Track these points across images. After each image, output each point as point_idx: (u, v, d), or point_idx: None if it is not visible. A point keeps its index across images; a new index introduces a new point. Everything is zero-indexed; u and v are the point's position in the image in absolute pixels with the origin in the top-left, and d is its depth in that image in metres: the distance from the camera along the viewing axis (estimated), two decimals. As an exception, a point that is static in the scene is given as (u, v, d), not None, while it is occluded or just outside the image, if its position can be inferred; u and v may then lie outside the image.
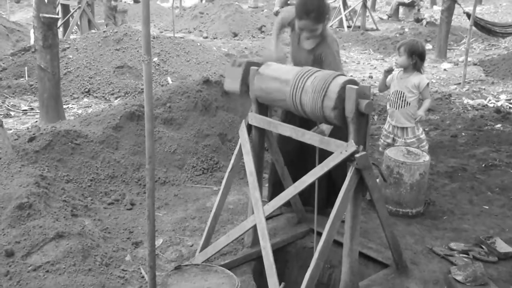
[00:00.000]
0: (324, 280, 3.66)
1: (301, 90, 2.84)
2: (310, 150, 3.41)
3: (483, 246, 3.65)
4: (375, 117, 7.06)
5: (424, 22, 15.91)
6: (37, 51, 6.38)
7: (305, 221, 3.89)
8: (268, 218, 3.27)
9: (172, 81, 8.58)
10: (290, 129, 3.06)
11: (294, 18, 3.66)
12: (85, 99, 8.20)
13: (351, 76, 9.85)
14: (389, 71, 4.50)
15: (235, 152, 3.40)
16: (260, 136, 3.39)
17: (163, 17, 18.94)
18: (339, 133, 3.06)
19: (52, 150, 4.52)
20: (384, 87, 4.62)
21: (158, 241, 3.72)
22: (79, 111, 7.56)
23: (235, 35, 14.99)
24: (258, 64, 3.23)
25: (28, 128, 5.73)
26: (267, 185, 4.21)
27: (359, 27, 16.04)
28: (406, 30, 14.80)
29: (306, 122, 3.35)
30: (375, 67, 11.12)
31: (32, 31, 9.40)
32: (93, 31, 11.03)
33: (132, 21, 16.69)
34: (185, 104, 5.47)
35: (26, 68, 9.00)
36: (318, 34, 3.60)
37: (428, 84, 4.40)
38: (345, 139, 2.78)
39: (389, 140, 4.57)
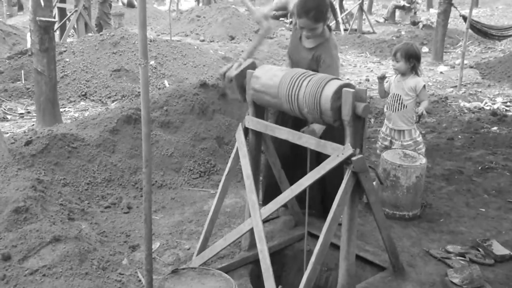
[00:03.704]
0: (321, 283, 3.66)
1: (297, 91, 2.84)
2: (304, 154, 3.41)
3: (480, 249, 3.66)
4: (372, 120, 7.07)
5: (420, 25, 15.96)
6: (33, 55, 6.37)
7: (302, 224, 3.89)
8: (265, 221, 3.26)
9: (169, 84, 8.58)
10: (287, 132, 3.06)
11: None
12: (82, 103, 8.19)
13: (348, 79, 9.87)
14: (382, 78, 4.51)
15: (232, 155, 3.40)
16: (257, 139, 3.40)
17: (160, 20, 18.97)
18: (332, 132, 3.07)
19: (48, 154, 4.51)
20: (384, 93, 4.62)
21: (155, 245, 3.72)
22: (76, 115, 7.55)
23: (232, 38, 15.02)
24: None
25: (24, 132, 5.73)
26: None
27: (355, 30, 16.09)
28: (403, 33, 14.83)
29: (299, 124, 3.36)
30: (371, 70, 11.14)
31: (28, 34, 9.40)
32: (90, 34, 11.04)
33: (128, 24, 16.68)
34: (182, 108, 5.47)
35: (22, 71, 8.99)
36: (318, 34, 3.56)
37: (424, 86, 4.42)
38: (338, 138, 2.78)
39: (386, 143, 4.58)
